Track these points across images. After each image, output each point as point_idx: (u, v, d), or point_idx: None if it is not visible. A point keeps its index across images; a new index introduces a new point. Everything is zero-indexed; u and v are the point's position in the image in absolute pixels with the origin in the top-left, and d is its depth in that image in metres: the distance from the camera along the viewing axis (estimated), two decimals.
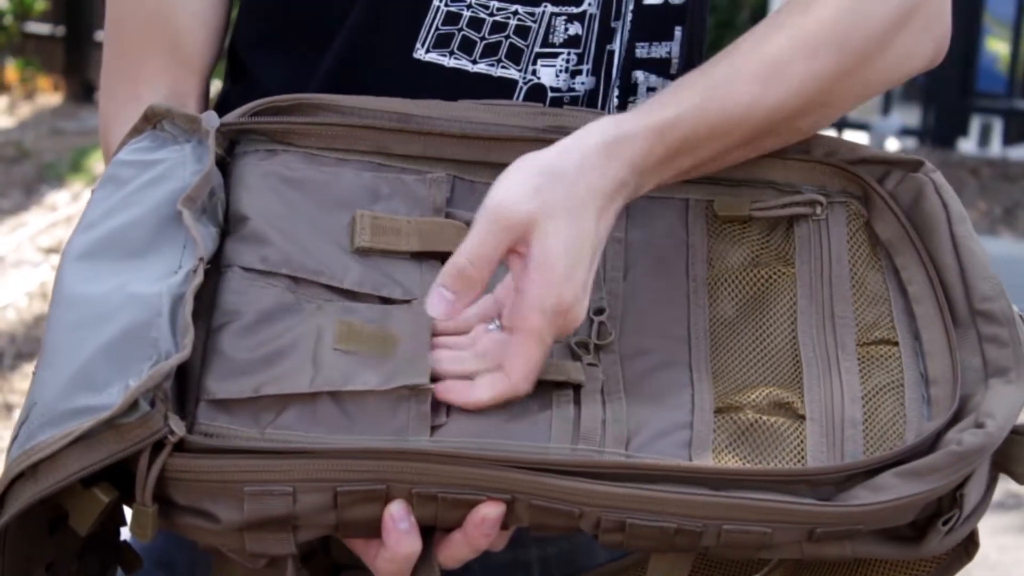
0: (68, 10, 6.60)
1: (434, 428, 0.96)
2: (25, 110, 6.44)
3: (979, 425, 0.95)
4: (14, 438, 0.91)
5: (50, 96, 6.64)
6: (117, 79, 1.19)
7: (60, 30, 6.67)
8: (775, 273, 1.07)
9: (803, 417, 0.99)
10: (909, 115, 6.74)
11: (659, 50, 1.17)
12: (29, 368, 4.03)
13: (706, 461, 0.96)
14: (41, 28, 6.73)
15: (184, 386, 0.95)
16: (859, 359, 1.02)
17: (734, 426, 0.99)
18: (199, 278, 0.95)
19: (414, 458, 0.91)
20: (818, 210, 1.08)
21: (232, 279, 1.00)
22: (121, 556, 1.03)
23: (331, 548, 1.01)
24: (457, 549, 0.95)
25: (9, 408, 3.79)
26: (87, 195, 4.61)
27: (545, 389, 0.99)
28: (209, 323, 0.98)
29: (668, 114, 1.02)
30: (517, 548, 1.00)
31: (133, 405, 0.88)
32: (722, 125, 1.03)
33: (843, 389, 1.00)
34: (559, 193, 0.97)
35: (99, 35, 6.57)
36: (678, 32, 1.18)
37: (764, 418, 0.99)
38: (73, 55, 6.58)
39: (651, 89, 1.17)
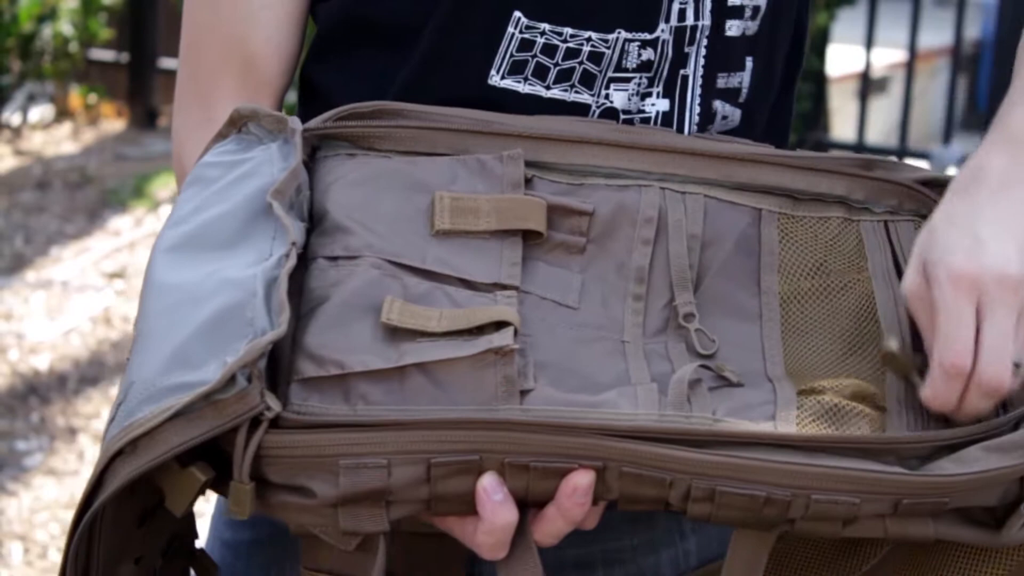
0: (132, 38, 6.66)
1: (523, 393, 0.97)
2: (89, 136, 6.50)
3: None
4: (111, 419, 0.93)
5: (114, 122, 6.69)
6: (191, 101, 1.22)
7: (124, 57, 6.72)
8: (849, 281, 1.08)
9: (883, 408, 1.00)
10: (970, 145, 6.70)
11: (733, 80, 1.18)
12: (93, 392, 4.05)
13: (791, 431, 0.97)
14: (105, 55, 6.79)
15: (275, 370, 0.97)
16: None
17: (817, 406, 0.99)
18: (292, 261, 0.97)
19: (507, 427, 0.92)
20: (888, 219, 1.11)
21: (316, 269, 1.02)
22: (198, 564, 1.05)
23: None
24: (552, 524, 0.96)
25: (73, 432, 3.81)
26: (150, 221, 4.59)
27: (637, 360, 1.00)
28: (298, 311, 1.00)
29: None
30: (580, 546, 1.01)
31: (231, 381, 0.90)
32: None
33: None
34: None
35: (163, 62, 6.63)
36: (749, 62, 1.19)
37: (845, 402, 1.00)
38: (137, 82, 6.63)
39: (724, 117, 1.19)
